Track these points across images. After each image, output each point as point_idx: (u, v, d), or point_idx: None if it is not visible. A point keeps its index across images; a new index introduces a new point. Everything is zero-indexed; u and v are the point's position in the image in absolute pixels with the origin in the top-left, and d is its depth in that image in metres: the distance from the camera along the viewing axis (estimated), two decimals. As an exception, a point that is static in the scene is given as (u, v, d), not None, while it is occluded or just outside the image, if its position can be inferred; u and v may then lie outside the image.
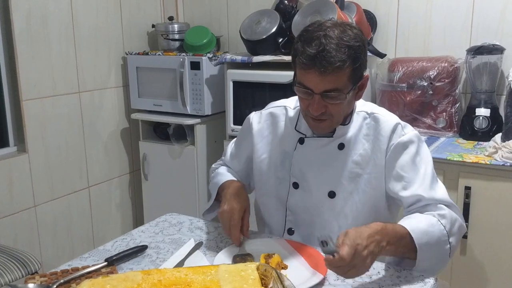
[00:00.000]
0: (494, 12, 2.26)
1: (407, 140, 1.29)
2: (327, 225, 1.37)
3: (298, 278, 1.11)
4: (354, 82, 1.23)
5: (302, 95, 1.25)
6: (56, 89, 2.53)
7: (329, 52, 1.16)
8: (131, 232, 1.42)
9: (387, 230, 1.11)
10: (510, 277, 1.94)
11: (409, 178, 1.27)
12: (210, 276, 0.97)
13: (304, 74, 1.21)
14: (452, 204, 1.26)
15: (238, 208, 1.30)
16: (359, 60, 1.21)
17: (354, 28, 1.23)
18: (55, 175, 2.57)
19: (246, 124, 1.51)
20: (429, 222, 1.18)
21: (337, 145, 1.34)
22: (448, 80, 2.22)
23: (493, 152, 1.95)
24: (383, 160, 1.30)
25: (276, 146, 1.43)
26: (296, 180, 1.38)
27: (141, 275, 0.97)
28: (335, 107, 1.24)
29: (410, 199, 1.26)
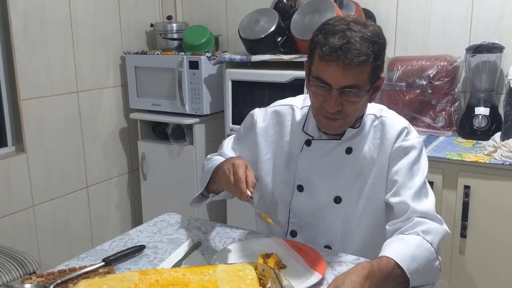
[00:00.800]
0: (494, 10, 2.26)
1: (409, 146, 1.27)
2: (331, 229, 1.35)
3: (296, 278, 1.10)
4: (372, 81, 1.20)
5: (319, 91, 1.20)
6: (54, 88, 2.52)
7: (353, 45, 1.12)
8: (128, 232, 1.41)
9: (374, 272, 1.04)
10: (509, 276, 1.94)
11: (402, 184, 1.25)
12: (207, 276, 0.97)
13: (324, 67, 1.16)
14: (436, 217, 1.21)
15: (240, 162, 1.19)
16: (381, 58, 1.19)
17: (375, 25, 1.20)
18: (53, 175, 2.56)
19: (248, 120, 1.46)
20: (415, 244, 1.13)
21: (345, 149, 1.31)
22: (447, 79, 2.22)
23: (493, 151, 1.95)
24: (387, 164, 1.28)
25: (281, 147, 1.39)
26: (301, 183, 1.35)
27: (138, 275, 0.97)
28: (351, 106, 1.20)
29: (398, 206, 1.23)
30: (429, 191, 1.27)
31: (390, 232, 1.22)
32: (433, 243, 1.15)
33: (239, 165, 1.16)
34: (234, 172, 1.16)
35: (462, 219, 1.97)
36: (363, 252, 1.29)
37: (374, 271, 1.05)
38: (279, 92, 2.33)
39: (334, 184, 1.32)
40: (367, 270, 1.03)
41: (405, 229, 1.18)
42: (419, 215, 1.20)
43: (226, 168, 1.18)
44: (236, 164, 1.17)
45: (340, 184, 1.31)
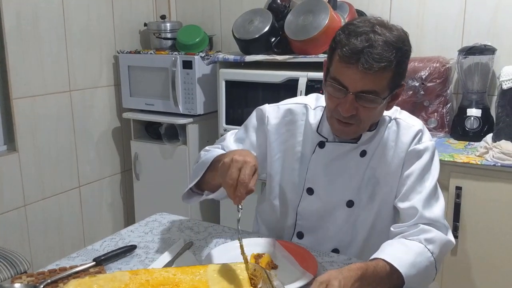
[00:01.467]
0: (486, 13, 2.27)
1: (423, 149, 1.24)
2: (340, 233, 1.32)
3: (288, 278, 1.10)
4: (392, 89, 1.16)
5: (334, 93, 1.16)
6: (46, 87, 2.51)
7: (376, 49, 1.08)
8: (120, 232, 1.41)
9: (367, 274, 1.03)
10: (501, 277, 1.95)
11: (412, 187, 1.22)
12: (198, 276, 0.97)
13: (343, 69, 1.12)
14: (443, 226, 1.19)
15: (252, 161, 1.06)
16: (404, 65, 1.15)
17: (401, 30, 1.15)
18: (45, 174, 2.55)
19: (258, 115, 1.38)
20: (416, 251, 1.12)
21: (360, 152, 1.27)
22: (439, 80, 2.22)
23: (484, 152, 1.96)
24: (400, 167, 1.25)
25: (291, 147, 1.33)
26: (311, 186, 1.31)
27: (129, 275, 0.96)
28: (367, 112, 1.16)
29: (407, 210, 1.21)
30: (439, 195, 1.25)
31: (394, 234, 1.21)
32: (434, 253, 1.14)
33: (248, 165, 1.04)
34: (241, 168, 1.04)
35: (454, 220, 1.98)
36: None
37: (367, 274, 1.04)
38: (273, 93, 2.34)
39: (347, 188, 1.28)
40: (360, 272, 1.03)
41: (409, 234, 1.17)
42: (426, 222, 1.18)
43: (235, 160, 1.05)
44: (247, 163, 1.04)
45: (353, 187, 1.28)
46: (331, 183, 1.29)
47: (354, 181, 1.28)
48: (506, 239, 1.92)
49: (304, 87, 2.19)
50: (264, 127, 1.35)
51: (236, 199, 1.04)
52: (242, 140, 1.38)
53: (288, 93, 2.16)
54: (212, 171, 1.21)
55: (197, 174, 1.24)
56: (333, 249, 1.33)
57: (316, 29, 2.15)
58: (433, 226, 1.18)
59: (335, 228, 1.32)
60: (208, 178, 1.23)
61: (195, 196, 1.30)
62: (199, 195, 1.30)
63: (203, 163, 1.24)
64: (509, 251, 1.92)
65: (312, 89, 2.15)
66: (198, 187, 1.28)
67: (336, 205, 1.30)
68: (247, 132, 1.38)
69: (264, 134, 1.35)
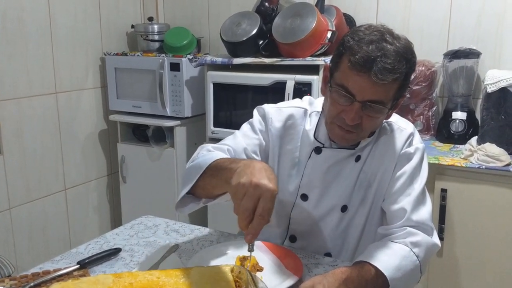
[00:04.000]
0: (471, 17, 2.30)
1: (413, 152, 1.24)
2: (333, 237, 1.31)
3: (273, 280, 1.10)
4: (396, 99, 1.15)
5: (340, 100, 1.13)
6: (32, 89, 2.48)
7: (389, 58, 1.06)
8: (105, 235, 1.39)
9: (351, 278, 1.03)
10: (486, 278, 1.97)
11: (401, 190, 1.22)
12: (183, 279, 0.96)
13: (352, 77, 1.09)
14: (430, 228, 1.20)
15: (274, 189, 0.91)
16: (410, 77, 1.14)
17: (407, 40, 1.14)
18: (31, 177, 2.52)
19: (261, 115, 1.33)
20: (401, 255, 1.12)
21: (355, 157, 1.26)
22: (425, 83, 2.25)
23: (469, 155, 1.98)
24: (392, 170, 1.24)
25: (289, 152, 1.31)
26: (306, 192, 1.29)
27: (112, 278, 0.95)
28: (370, 121, 1.14)
29: (394, 213, 1.21)
30: (427, 198, 1.25)
31: (381, 236, 1.21)
32: (419, 256, 1.14)
33: (269, 194, 0.90)
34: (260, 197, 0.89)
35: (439, 222, 2.00)
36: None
37: (352, 278, 1.04)
38: (261, 95, 2.34)
39: (342, 193, 1.28)
40: (345, 275, 1.03)
41: (395, 237, 1.17)
42: (413, 224, 1.18)
43: (255, 185, 0.90)
44: (268, 191, 0.90)
45: (348, 193, 1.28)
46: (326, 189, 1.28)
47: (348, 185, 1.28)
48: (491, 240, 1.94)
49: (291, 90, 2.19)
50: (267, 128, 1.31)
51: (248, 237, 0.91)
52: (249, 137, 1.30)
53: (276, 96, 2.16)
54: (213, 178, 1.07)
55: (191, 178, 1.11)
56: (326, 253, 1.33)
57: (303, 32, 2.16)
58: (419, 228, 1.19)
59: (327, 233, 1.32)
60: (205, 184, 1.11)
61: (191, 203, 1.17)
62: (195, 202, 1.17)
63: (199, 166, 1.11)
64: (494, 252, 1.94)
65: (300, 92, 2.16)
66: (191, 191, 1.15)
67: (330, 211, 1.30)
68: (254, 129, 1.32)
69: (267, 135, 1.32)
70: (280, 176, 1.31)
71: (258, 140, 1.30)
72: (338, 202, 1.28)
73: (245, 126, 1.34)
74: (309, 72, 2.17)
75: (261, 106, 1.35)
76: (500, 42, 2.26)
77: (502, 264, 1.93)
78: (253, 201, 0.89)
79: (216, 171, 1.07)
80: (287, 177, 1.32)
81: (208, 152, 1.22)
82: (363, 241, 1.32)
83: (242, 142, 1.28)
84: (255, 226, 0.90)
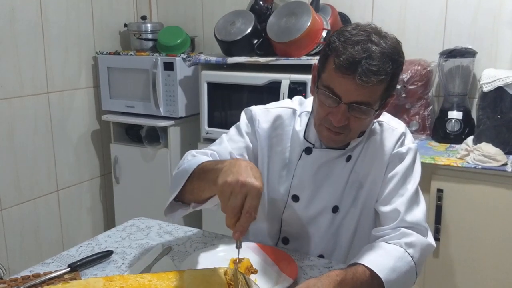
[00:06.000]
0: (466, 16, 2.29)
1: (405, 152, 1.23)
2: (325, 238, 1.30)
3: (267, 282, 1.08)
4: (383, 99, 1.15)
5: (326, 101, 1.13)
6: (24, 89, 2.45)
7: (374, 60, 1.05)
8: (96, 237, 1.36)
9: (346, 280, 1.02)
10: (482, 278, 1.96)
11: (394, 190, 1.21)
12: (175, 282, 0.94)
13: (338, 79, 1.09)
14: (424, 228, 1.19)
15: (260, 187, 0.92)
16: (397, 77, 1.13)
17: (395, 39, 1.13)
18: (22, 178, 2.49)
19: (248, 116, 1.32)
20: (396, 256, 1.11)
21: (346, 157, 1.25)
22: (421, 83, 2.23)
23: (465, 155, 1.97)
24: (383, 171, 1.23)
25: (279, 152, 1.30)
26: (297, 193, 1.27)
27: (103, 282, 0.93)
28: (357, 122, 1.14)
29: (388, 214, 1.20)
30: (420, 198, 1.24)
31: (375, 238, 1.20)
32: (414, 257, 1.13)
33: (255, 192, 0.91)
34: (247, 195, 0.91)
35: (436, 222, 1.98)
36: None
37: (347, 280, 1.03)
38: (256, 95, 2.32)
39: (333, 194, 1.26)
40: (339, 278, 1.02)
41: (389, 238, 1.16)
42: (407, 225, 1.17)
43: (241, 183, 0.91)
44: (254, 189, 0.91)
45: (339, 193, 1.26)
46: (317, 190, 1.27)
47: (339, 186, 1.26)
48: (487, 240, 1.92)
49: (286, 90, 2.18)
50: (254, 129, 1.31)
51: (236, 234, 0.91)
52: (235, 141, 1.30)
53: (271, 96, 2.14)
54: (200, 181, 1.08)
55: (178, 184, 1.12)
56: (319, 255, 1.31)
57: (298, 31, 2.14)
58: (414, 229, 1.17)
59: (320, 234, 1.30)
60: (193, 189, 1.11)
61: (180, 209, 1.17)
62: (184, 207, 1.18)
63: (185, 170, 1.12)
64: (490, 252, 1.93)
65: (295, 91, 2.14)
66: (180, 197, 1.15)
67: (322, 211, 1.28)
68: (240, 133, 1.32)
69: (255, 137, 1.31)
70: (270, 177, 1.30)
71: (245, 143, 1.30)
72: (329, 202, 1.27)
73: (232, 130, 1.34)
74: (304, 72, 2.15)
75: (249, 108, 1.34)
76: (496, 42, 2.25)
77: (498, 264, 1.92)
78: (240, 199, 0.91)
79: (202, 173, 1.08)
80: (277, 178, 1.30)
81: (192, 157, 1.23)
82: (356, 242, 1.30)
83: (227, 146, 1.28)
84: (243, 223, 0.91)
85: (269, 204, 1.33)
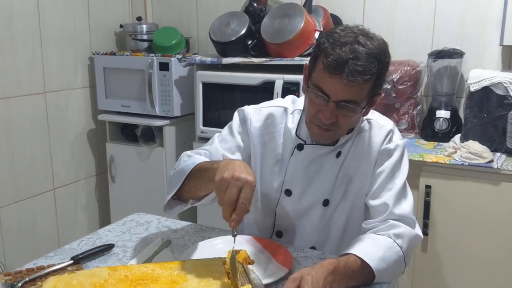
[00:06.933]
0: (454, 18, 2.36)
1: (393, 148, 1.29)
2: (316, 230, 1.36)
3: (264, 272, 1.13)
4: (370, 97, 1.20)
5: (316, 99, 1.18)
6: (21, 89, 2.48)
7: (360, 61, 1.11)
8: (97, 232, 1.41)
9: (339, 269, 1.08)
10: (469, 271, 2.02)
11: (382, 185, 1.27)
12: (177, 271, 0.99)
13: (326, 78, 1.15)
14: (412, 221, 1.25)
15: (253, 182, 1.01)
16: (383, 76, 1.19)
17: (382, 40, 1.19)
18: (19, 176, 2.52)
19: (241, 116, 1.39)
20: (385, 246, 1.17)
21: (336, 153, 1.31)
22: (410, 83, 2.29)
23: (453, 152, 2.03)
24: (372, 167, 1.29)
25: (272, 149, 1.36)
26: (289, 188, 1.34)
27: (108, 271, 0.98)
28: (346, 119, 1.20)
29: (377, 207, 1.26)
30: (408, 192, 1.30)
31: (365, 230, 1.26)
32: (402, 247, 1.19)
33: (249, 186, 1.00)
34: (242, 188, 1.00)
35: (424, 218, 2.05)
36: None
37: (339, 268, 1.08)
38: (250, 95, 2.37)
39: (323, 188, 1.32)
40: (332, 266, 1.07)
41: (379, 230, 1.22)
42: (395, 218, 1.23)
43: (236, 178, 1.00)
44: (248, 183, 1.00)
45: (329, 187, 1.32)
46: (309, 184, 1.33)
47: (330, 180, 1.32)
48: (474, 235, 1.99)
49: (280, 90, 2.23)
50: (246, 128, 1.37)
51: (232, 223, 1.00)
52: (227, 141, 1.37)
53: (265, 95, 2.19)
54: (197, 180, 1.17)
55: (176, 183, 1.21)
56: (311, 247, 1.37)
57: (291, 33, 2.19)
58: (402, 221, 1.23)
59: (312, 227, 1.36)
60: (191, 187, 1.21)
61: (178, 205, 1.27)
62: (182, 204, 1.27)
63: (182, 170, 1.21)
64: (477, 246, 1.99)
65: (288, 91, 2.19)
66: (177, 195, 1.24)
67: (313, 205, 1.34)
68: (232, 133, 1.38)
69: (247, 136, 1.37)
70: (263, 173, 1.36)
71: (236, 143, 1.36)
72: (320, 196, 1.33)
73: (224, 130, 1.41)
74: (298, 72, 2.20)
75: (242, 108, 1.40)
76: (482, 43, 2.32)
77: (484, 258, 1.98)
78: (235, 192, 1.00)
79: (199, 173, 1.17)
80: (270, 173, 1.36)
81: (188, 157, 1.31)
82: (347, 235, 1.36)
83: (218, 147, 1.35)
84: (238, 214, 1.00)
85: (263, 198, 1.38)
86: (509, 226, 1.92)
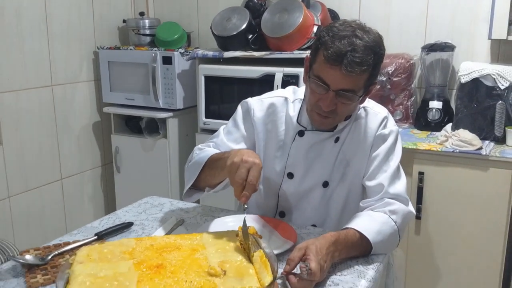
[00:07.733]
0: (446, 13, 2.47)
1: (388, 133, 1.39)
2: (317, 210, 1.47)
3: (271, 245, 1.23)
4: (367, 87, 1.30)
5: (317, 89, 1.27)
6: (29, 82, 2.57)
7: (358, 53, 1.20)
8: (115, 212, 1.52)
9: (339, 240, 1.18)
10: (460, 253, 2.14)
11: (378, 167, 1.37)
12: (196, 241, 1.09)
13: (326, 69, 1.23)
14: (405, 199, 1.36)
15: (260, 164, 1.17)
16: (378, 67, 1.28)
17: (377, 34, 1.28)
18: (28, 167, 2.61)
19: (244, 108, 1.49)
20: (381, 221, 1.27)
21: (334, 139, 1.41)
22: (404, 75, 2.40)
23: (444, 140, 2.14)
24: (369, 150, 1.39)
25: (274, 136, 1.46)
26: (291, 171, 1.44)
27: (135, 241, 1.08)
28: (344, 107, 1.29)
29: (374, 188, 1.37)
30: (401, 173, 1.42)
31: (362, 208, 1.37)
32: (397, 222, 1.30)
33: (257, 167, 1.16)
34: (250, 169, 1.15)
35: (417, 203, 2.16)
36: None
37: (340, 240, 1.19)
38: (250, 87, 2.46)
39: (323, 170, 1.42)
40: (333, 238, 1.18)
41: (375, 207, 1.33)
42: (390, 196, 1.35)
43: (244, 161, 1.16)
44: (256, 165, 1.16)
45: (328, 170, 1.42)
46: (309, 167, 1.44)
47: (329, 164, 1.43)
48: (464, 219, 2.10)
49: (280, 82, 2.32)
50: (250, 119, 1.47)
51: (243, 199, 1.15)
52: (232, 133, 1.49)
53: (265, 88, 2.27)
54: (211, 169, 1.33)
55: (193, 174, 1.37)
56: (312, 225, 1.48)
57: (291, 27, 2.29)
58: (396, 199, 1.35)
59: (312, 207, 1.47)
60: (206, 176, 1.35)
61: (196, 193, 1.43)
62: (199, 191, 1.42)
63: (198, 163, 1.36)
64: (467, 229, 2.11)
65: (288, 83, 2.27)
66: (194, 185, 1.39)
67: (314, 186, 1.45)
68: (236, 124, 1.49)
69: (251, 126, 1.47)
70: (267, 158, 1.47)
71: (241, 133, 1.48)
72: (320, 178, 1.44)
73: (230, 122, 1.52)
74: (297, 65, 2.29)
75: (245, 100, 1.51)
76: (473, 37, 2.44)
77: (474, 239, 2.10)
78: (244, 172, 1.15)
79: (212, 163, 1.33)
80: (273, 158, 1.47)
81: (199, 150, 1.46)
82: (345, 213, 1.47)
83: (224, 139, 1.48)
84: (248, 190, 1.15)
85: (267, 181, 1.50)
86: (496, 208, 2.04)
